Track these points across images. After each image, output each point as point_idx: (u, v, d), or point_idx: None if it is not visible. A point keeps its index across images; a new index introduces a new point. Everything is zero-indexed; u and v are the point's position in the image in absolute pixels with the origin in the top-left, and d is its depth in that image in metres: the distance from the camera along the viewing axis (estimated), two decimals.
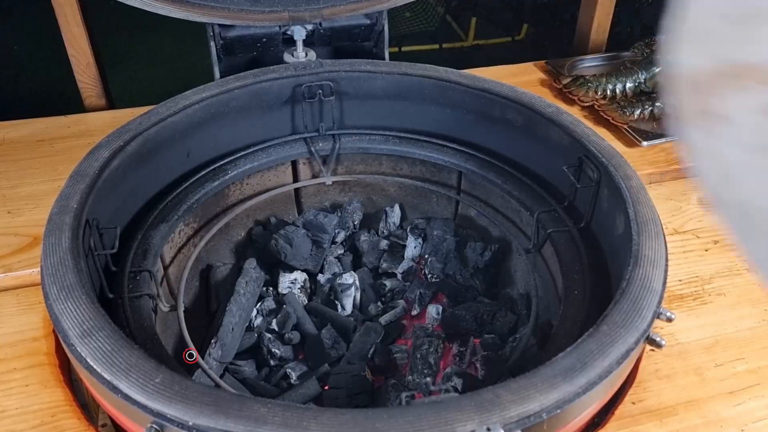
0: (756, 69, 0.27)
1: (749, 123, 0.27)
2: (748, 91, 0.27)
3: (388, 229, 0.91)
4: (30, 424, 0.59)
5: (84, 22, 1.02)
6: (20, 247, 0.78)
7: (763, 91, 0.26)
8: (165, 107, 0.74)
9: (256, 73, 0.81)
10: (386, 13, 0.90)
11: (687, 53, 0.29)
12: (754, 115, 0.27)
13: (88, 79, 1.07)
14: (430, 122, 0.85)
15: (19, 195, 0.86)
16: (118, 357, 0.47)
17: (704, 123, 0.28)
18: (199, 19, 0.83)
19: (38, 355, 0.65)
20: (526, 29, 2.08)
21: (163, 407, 0.44)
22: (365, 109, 0.86)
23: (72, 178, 0.63)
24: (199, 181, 0.78)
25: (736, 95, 0.28)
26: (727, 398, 0.62)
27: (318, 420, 0.43)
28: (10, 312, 0.70)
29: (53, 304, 0.52)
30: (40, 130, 0.99)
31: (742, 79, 0.27)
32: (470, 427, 0.43)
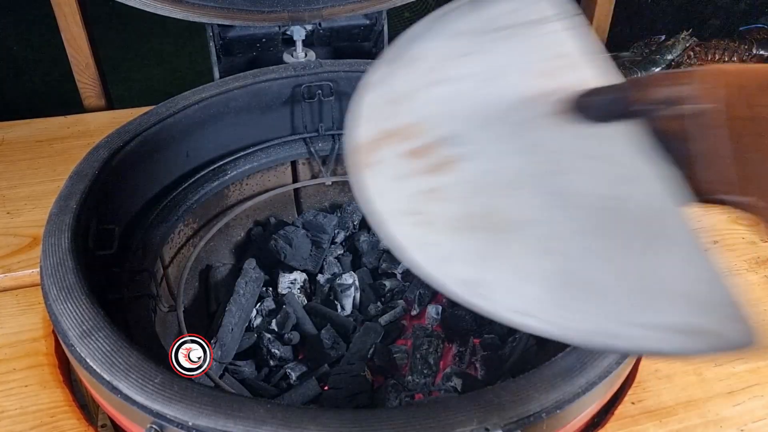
0: (401, 130, 0.46)
1: (395, 162, 0.44)
2: (397, 143, 0.45)
3: None
4: (29, 425, 0.59)
5: (83, 23, 1.02)
6: (20, 247, 0.78)
7: (405, 142, 0.45)
8: (164, 108, 0.74)
9: (256, 74, 0.81)
10: (385, 14, 0.90)
11: (359, 127, 0.47)
12: (399, 157, 0.44)
13: (88, 80, 1.07)
14: None
15: (19, 195, 0.86)
16: (117, 357, 0.47)
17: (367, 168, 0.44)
18: (198, 19, 0.83)
19: (38, 356, 0.65)
20: None
21: (163, 408, 0.44)
22: None
23: (71, 178, 0.63)
24: (199, 181, 0.78)
25: (390, 147, 0.45)
26: (727, 398, 0.62)
27: (317, 420, 0.43)
28: (10, 312, 0.70)
29: (53, 305, 0.51)
30: (40, 131, 0.99)
31: (394, 137, 0.46)
32: (470, 427, 0.43)
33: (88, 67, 1.06)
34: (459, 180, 0.43)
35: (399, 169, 0.44)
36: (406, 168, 0.44)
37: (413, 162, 0.45)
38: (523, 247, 0.40)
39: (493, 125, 0.46)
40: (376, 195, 0.43)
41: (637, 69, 1.12)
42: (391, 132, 0.47)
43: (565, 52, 0.49)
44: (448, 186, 0.43)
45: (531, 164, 0.44)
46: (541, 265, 0.39)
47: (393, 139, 0.46)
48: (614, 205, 0.41)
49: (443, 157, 0.45)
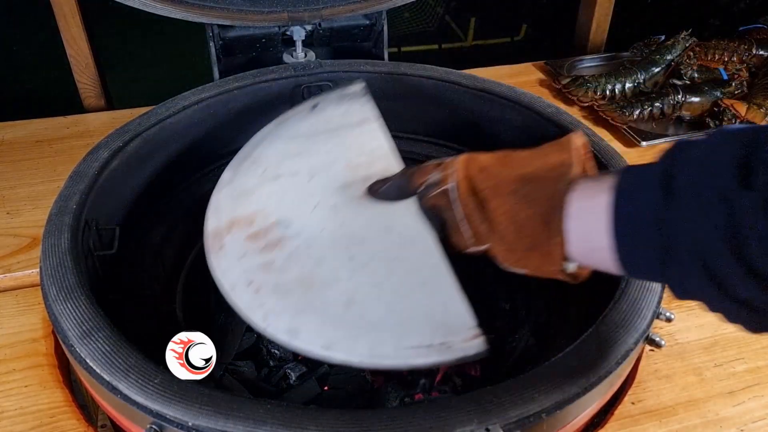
0: (242, 219, 0.59)
1: (238, 245, 0.57)
2: (238, 230, 0.59)
3: None
4: (29, 425, 0.59)
5: (83, 23, 1.02)
6: (19, 247, 0.78)
7: (245, 229, 0.59)
8: (164, 108, 0.74)
9: (256, 74, 0.80)
10: (385, 14, 0.90)
11: (209, 219, 0.61)
12: (241, 240, 0.58)
13: (87, 80, 1.07)
14: (429, 122, 0.85)
15: (18, 196, 0.86)
16: (117, 358, 0.47)
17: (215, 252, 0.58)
18: (198, 19, 0.83)
19: (37, 356, 0.65)
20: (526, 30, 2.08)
21: (163, 408, 0.44)
22: None
23: (71, 178, 0.63)
24: (199, 181, 0.78)
25: (234, 233, 0.59)
26: (727, 398, 0.62)
27: (317, 421, 0.43)
28: (10, 313, 0.70)
29: (53, 305, 0.51)
30: (40, 131, 0.99)
31: (236, 225, 0.59)
32: (470, 427, 0.43)
33: (88, 67, 1.06)
34: (285, 255, 0.56)
35: (240, 250, 0.57)
36: (246, 249, 0.57)
37: (251, 243, 0.58)
38: (330, 301, 0.52)
39: (315, 209, 0.60)
40: (222, 273, 0.56)
41: (637, 69, 1.12)
42: (234, 221, 0.60)
43: (377, 146, 0.66)
44: (276, 260, 0.56)
45: (340, 237, 0.57)
46: (342, 313, 0.52)
47: (236, 227, 0.60)
48: (398, 263, 0.55)
49: (274, 238, 0.58)
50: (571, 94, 1.10)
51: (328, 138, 0.68)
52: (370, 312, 0.51)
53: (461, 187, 0.53)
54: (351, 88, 0.73)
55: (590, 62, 1.23)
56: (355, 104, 0.71)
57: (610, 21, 1.26)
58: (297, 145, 0.68)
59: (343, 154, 0.65)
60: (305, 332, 0.50)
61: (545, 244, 0.47)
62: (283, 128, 0.70)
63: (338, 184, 0.62)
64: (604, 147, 0.68)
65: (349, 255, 0.56)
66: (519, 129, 0.78)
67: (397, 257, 0.55)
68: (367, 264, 0.55)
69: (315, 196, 0.61)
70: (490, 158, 0.53)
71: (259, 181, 0.64)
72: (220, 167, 0.80)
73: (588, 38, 1.27)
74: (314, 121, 0.70)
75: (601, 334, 0.50)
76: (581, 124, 0.72)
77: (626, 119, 1.03)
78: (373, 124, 0.68)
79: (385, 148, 0.65)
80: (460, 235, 0.53)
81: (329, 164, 0.65)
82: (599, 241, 0.43)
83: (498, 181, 0.51)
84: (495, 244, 0.51)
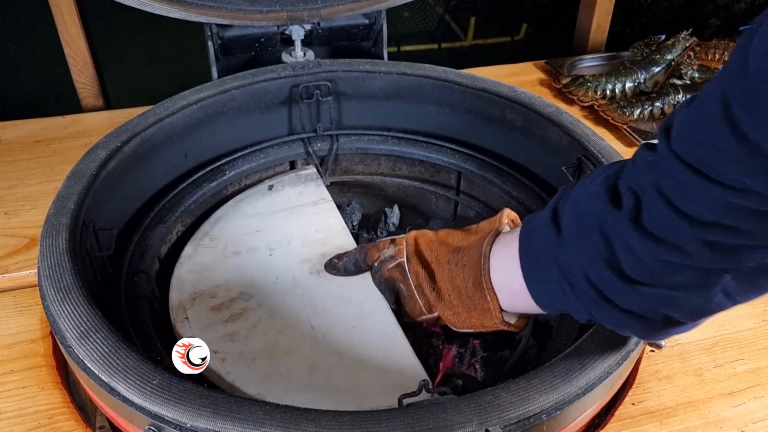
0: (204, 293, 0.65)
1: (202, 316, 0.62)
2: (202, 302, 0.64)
3: (387, 230, 0.90)
4: (27, 426, 0.58)
5: (81, 23, 1.02)
6: (17, 248, 0.77)
7: (208, 301, 0.64)
8: (162, 108, 0.74)
9: (254, 73, 0.80)
10: (385, 13, 0.90)
11: (173, 293, 0.65)
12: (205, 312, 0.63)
13: (86, 80, 1.07)
14: (429, 122, 0.85)
15: (16, 196, 0.86)
16: (115, 359, 0.47)
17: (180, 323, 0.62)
18: (196, 18, 0.83)
19: (35, 357, 0.65)
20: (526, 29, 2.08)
21: (161, 409, 0.44)
22: (364, 109, 0.85)
23: (69, 178, 0.63)
24: (197, 181, 0.78)
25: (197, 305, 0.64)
26: (727, 399, 0.62)
27: (316, 422, 0.43)
28: (7, 314, 0.70)
29: (50, 306, 0.51)
30: (37, 131, 0.99)
31: (199, 298, 0.64)
32: (469, 428, 0.43)
33: (86, 66, 1.05)
34: (248, 325, 0.61)
35: (205, 321, 0.62)
36: (210, 320, 0.62)
37: (216, 315, 0.63)
38: (294, 367, 0.57)
39: (275, 282, 0.66)
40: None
41: (637, 69, 1.12)
42: (197, 294, 0.65)
43: (332, 224, 0.74)
44: (240, 330, 0.61)
45: (301, 308, 0.63)
46: (306, 378, 0.56)
47: (199, 299, 0.64)
48: (356, 331, 0.60)
49: (237, 310, 0.63)
50: (572, 94, 1.09)
51: (286, 216, 0.75)
52: (333, 377, 0.56)
53: (412, 260, 0.60)
54: (305, 171, 0.82)
55: (590, 62, 1.23)
56: (310, 185, 0.80)
57: (610, 20, 1.26)
58: (255, 223, 0.74)
59: (300, 232, 0.72)
60: (271, 398, 0.53)
61: (482, 303, 0.54)
62: (241, 207, 0.77)
63: (297, 260, 0.69)
64: (604, 147, 0.68)
65: (311, 325, 0.61)
66: (519, 129, 0.78)
67: (355, 326, 0.61)
68: (328, 333, 0.60)
69: (275, 270, 0.67)
70: (434, 235, 0.61)
71: (219, 256, 0.70)
72: (219, 167, 0.80)
73: (588, 38, 1.26)
74: (270, 200, 0.78)
75: (601, 335, 0.50)
76: (581, 124, 0.72)
77: (626, 119, 1.03)
78: (327, 203, 0.77)
79: (339, 226, 0.73)
80: (415, 303, 0.60)
81: (287, 240, 0.71)
82: (516, 284, 0.49)
83: (439, 253, 0.58)
84: (443, 310, 0.58)
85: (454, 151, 0.84)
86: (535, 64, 1.22)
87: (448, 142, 0.84)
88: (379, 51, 0.93)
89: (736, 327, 0.69)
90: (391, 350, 0.59)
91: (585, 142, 0.69)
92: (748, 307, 0.72)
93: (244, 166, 0.81)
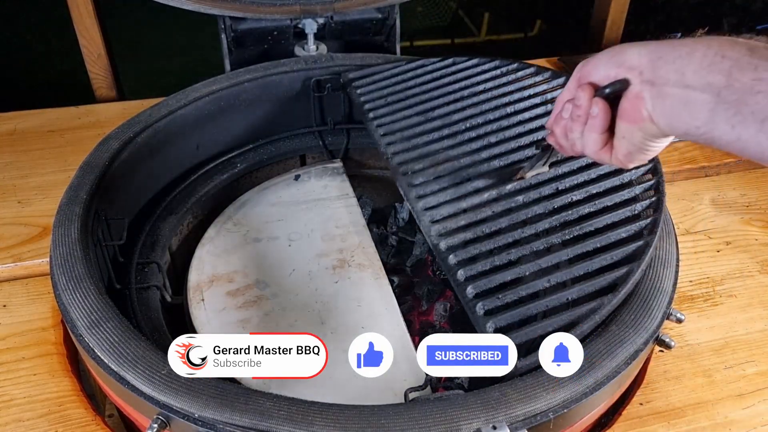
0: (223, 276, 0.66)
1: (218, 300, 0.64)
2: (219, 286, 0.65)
3: (397, 225, 0.90)
4: (37, 413, 0.59)
5: (96, 14, 1.02)
6: (30, 237, 0.78)
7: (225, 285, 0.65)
8: (175, 99, 0.74)
9: (267, 66, 0.80)
10: (398, 8, 0.90)
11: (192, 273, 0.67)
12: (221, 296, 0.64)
13: (100, 70, 1.07)
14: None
15: (30, 185, 0.86)
16: (125, 348, 0.47)
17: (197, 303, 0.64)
18: (210, 11, 0.83)
19: (46, 345, 0.66)
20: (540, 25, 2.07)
21: (170, 399, 0.44)
22: None
23: (82, 168, 0.64)
24: (209, 173, 0.78)
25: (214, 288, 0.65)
26: (736, 401, 0.62)
27: (323, 415, 0.43)
28: (20, 301, 0.70)
29: (62, 295, 0.52)
30: (51, 121, 0.99)
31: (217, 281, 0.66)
32: (476, 425, 0.43)
33: (100, 57, 1.06)
34: (261, 314, 0.62)
35: (219, 305, 0.63)
36: (225, 304, 0.63)
37: (230, 299, 0.63)
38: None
39: (291, 274, 0.67)
40: (201, 325, 0.61)
41: None
42: (215, 277, 0.66)
43: (353, 221, 0.74)
44: (252, 318, 0.62)
45: (314, 303, 0.64)
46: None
47: (216, 283, 0.65)
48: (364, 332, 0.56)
49: (251, 297, 0.64)
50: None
51: (309, 208, 0.76)
52: (338, 374, 0.56)
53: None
54: (332, 164, 0.82)
55: None
56: (336, 179, 0.80)
57: (625, 17, 1.25)
58: (278, 212, 0.75)
59: (321, 225, 0.73)
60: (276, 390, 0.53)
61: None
62: (266, 194, 0.78)
63: (315, 253, 0.70)
64: None
65: (321, 320, 0.62)
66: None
67: (364, 326, 0.62)
68: (336, 329, 0.61)
69: (293, 261, 0.69)
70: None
71: (240, 241, 0.71)
72: (231, 159, 0.80)
73: (603, 35, 1.25)
74: (296, 191, 0.78)
75: (610, 334, 0.49)
76: None
77: None
78: (351, 199, 0.77)
79: (360, 224, 0.74)
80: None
81: (307, 233, 0.72)
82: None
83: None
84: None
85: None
86: (548, 61, 1.21)
87: None
88: (392, 46, 0.92)
89: (746, 329, 0.69)
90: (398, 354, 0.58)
91: None
92: (760, 309, 0.71)
93: (256, 158, 0.82)
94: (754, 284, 0.74)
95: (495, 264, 0.54)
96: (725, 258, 0.78)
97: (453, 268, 0.53)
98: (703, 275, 0.75)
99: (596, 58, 0.44)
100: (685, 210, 0.85)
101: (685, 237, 0.80)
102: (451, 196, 0.60)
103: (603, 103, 0.43)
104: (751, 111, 0.34)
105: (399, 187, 0.62)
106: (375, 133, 0.70)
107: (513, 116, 0.67)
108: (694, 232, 0.82)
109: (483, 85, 0.73)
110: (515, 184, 0.60)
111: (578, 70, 0.46)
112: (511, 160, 0.62)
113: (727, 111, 0.35)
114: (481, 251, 0.55)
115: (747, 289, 0.74)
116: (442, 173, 0.62)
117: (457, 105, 0.70)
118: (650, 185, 0.58)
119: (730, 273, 0.76)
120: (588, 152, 0.46)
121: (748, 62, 0.35)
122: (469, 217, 0.58)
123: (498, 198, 0.59)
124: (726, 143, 0.36)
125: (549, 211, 0.58)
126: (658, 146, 0.43)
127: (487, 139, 0.65)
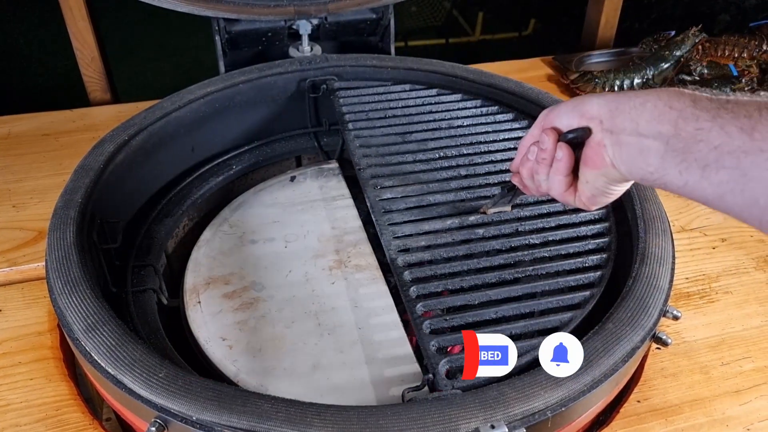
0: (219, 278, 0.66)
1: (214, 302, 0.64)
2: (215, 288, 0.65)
3: None
4: (34, 418, 0.59)
5: (89, 16, 1.02)
6: (25, 241, 0.78)
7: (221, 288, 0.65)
8: (170, 102, 0.74)
9: (261, 68, 0.80)
10: (392, 8, 0.90)
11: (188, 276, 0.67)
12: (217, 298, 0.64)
13: (93, 73, 1.07)
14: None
15: (24, 189, 0.86)
16: (122, 351, 0.47)
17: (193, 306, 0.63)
18: (204, 12, 0.83)
19: (43, 349, 0.65)
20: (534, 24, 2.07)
21: (167, 402, 0.44)
22: None
23: (77, 172, 0.63)
24: (204, 175, 0.78)
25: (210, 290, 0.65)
26: (733, 397, 0.62)
27: (321, 416, 0.43)
28: (16, 306, 0.70)
29: (58, 299, 0.52)
30: (46, 124, 0.99)
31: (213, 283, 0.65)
32: (474, 424, 0.43)
33: (94, 60, 1.06)
34: (257, 316, 0.62)
35: (215, 307, 0.63)
36: (221, 306, 0.63)
37: (227, 302, 0.63)
38: (297, 362, 0.57)
39: (288, 275, 0.67)
40: (197, 327, 0.61)
41: (646, 65, 1.11)
42: (211, 279, 0.66)
43: (348, 223, 0.73)
44: (249, 320, 0.62)
45: (309, 305, 0.63)
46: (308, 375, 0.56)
47: (212, 285, 0.65)
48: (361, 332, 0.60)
49: (248, 299, 0.64)
50: (580, 90, 1.09)
51: (305, 209, 0.75)
52: (335, 376, 0.56)
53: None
54: (328, 165, 0.81)
55: (599, 58, 1.22)
56: (332, 180, 0.80)
57: (619, 16, 1.25)
58: (274, 213, 0.75)
59: (317, 226, 0.73)
60: (273, 391, 0.54)
61: None
62: (262, 195, 0.78)
63: (311, 254, 0.69)
64: None
65: (317, 321, 0.62)
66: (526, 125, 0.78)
67: (361, 327, 0.61)
68: (333, 331, 0.61)
69: (289, 263, 0.68)
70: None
71: (237, 243, 0.71)
72: (226, 161, 0.80)
73: (597, 33, 1.26)
74: (291, 192, 0.78)
75: (607, 332, 0.50)
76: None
77: None
78: (347, 200, 0.77)
79: (356, 225, 0.73)
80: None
81: (304, 234, 0.72)
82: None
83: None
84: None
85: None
86: (543, 60, 1.22)
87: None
88: (387, 46, 0.93)
89: (743, 325, 0.69)
90: (395, 355, 0.59)
91: None
92: (756, 305, 0.71)
93: (251, 160, 0.82)
94: (750, 281, 0.74)
95: (447, 287, 0.56)
96: (721, 255, 0.78)
97: (407, 284, 0.56)
98: (699, 272, 0.76)
99: (559, 108, 0.47)
100: (680, 207, 0.85)
101: (680, 234, 0.81)
102: (416, 216, 0.63)
103: (567, 147, 0.46)
104: (695, 158, 0.37)
105: (366, 199, 0.65)
106: (351, 144, 0.72)
107: (485, 155, 0.71)
108: (689, 230, 0.82)
109: (462, 120, 0.76)
110: (478, 217, 0.63)
111: (542, 118, 0.49)
112: (477, 194, 0.65)
113: (675, 158, 0.38)
114: (435, 273, 0.57)
115: (743, 285, 0.74)
116: (411, 194, 0.65)
117: (435, 134, 0.73)
118: (603, 243, 0.60)
119: (726, 270, 0.76)
120: (553, 193, 0.50)
121: (692, 113, 0.38)
122: (430, 240, 0.61)
123: (460, 227, 0.62)
124: (677, 188, 0.39)
125: (506, 249, 0.60)
126: (619, 190, 0.47)
127: (458, 170, 0.68)
